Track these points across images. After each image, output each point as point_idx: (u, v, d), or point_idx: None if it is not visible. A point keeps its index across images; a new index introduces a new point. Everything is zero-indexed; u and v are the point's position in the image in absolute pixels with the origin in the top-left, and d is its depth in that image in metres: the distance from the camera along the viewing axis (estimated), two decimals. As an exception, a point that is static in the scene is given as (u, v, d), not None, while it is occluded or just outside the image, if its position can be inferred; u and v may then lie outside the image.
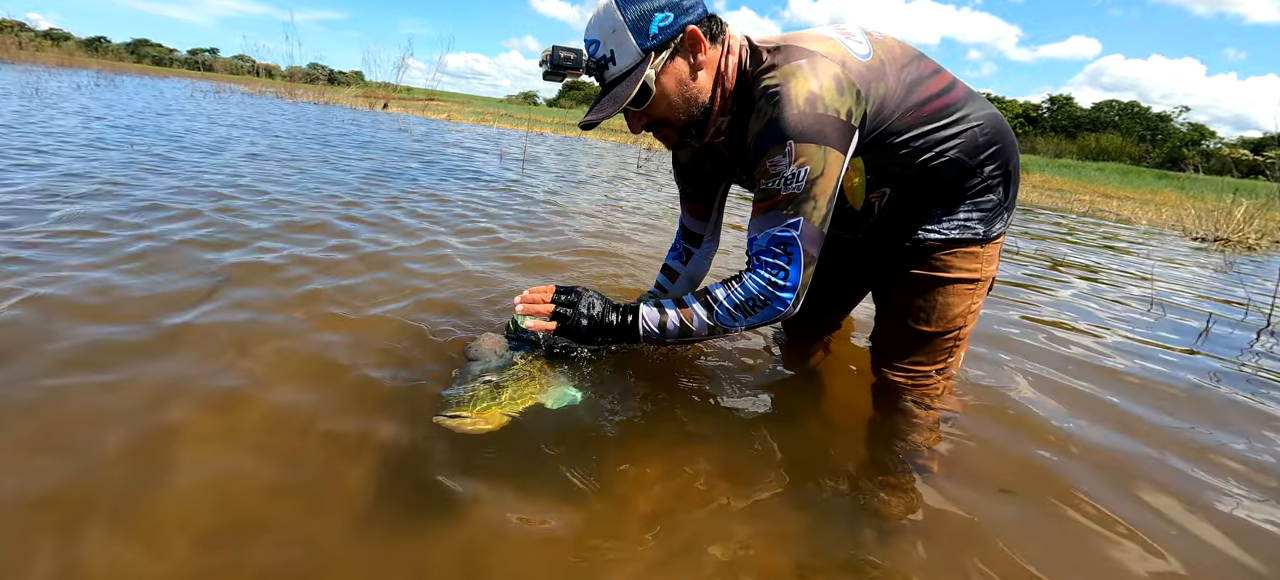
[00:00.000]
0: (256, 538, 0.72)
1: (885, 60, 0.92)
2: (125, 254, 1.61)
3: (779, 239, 0.87)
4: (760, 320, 0.91)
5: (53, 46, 25.87)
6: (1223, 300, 2.67)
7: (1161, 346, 1.85)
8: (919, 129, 0.94)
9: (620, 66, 0.86)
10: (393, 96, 16.84)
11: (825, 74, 0.84)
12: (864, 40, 0.93)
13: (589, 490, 0.85)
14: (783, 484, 0.92)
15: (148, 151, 3.55)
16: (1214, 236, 5.64)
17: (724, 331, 0.94)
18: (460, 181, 3.85)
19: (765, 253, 0.88)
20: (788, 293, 0.88)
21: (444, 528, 0.77)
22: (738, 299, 0.90)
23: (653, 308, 0.95)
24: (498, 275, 1.82)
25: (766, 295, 0.89)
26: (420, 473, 0.86)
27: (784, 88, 0.84)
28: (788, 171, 0.84)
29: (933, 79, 0.96)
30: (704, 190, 1.20)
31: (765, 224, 0.88)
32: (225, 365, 1.09)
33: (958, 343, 1.07)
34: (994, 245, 1.05)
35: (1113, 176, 19.00)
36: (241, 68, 25.23)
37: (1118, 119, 55.18)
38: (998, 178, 1.02)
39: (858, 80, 0.86)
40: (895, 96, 0.91)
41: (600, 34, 0.87)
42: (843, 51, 0.88)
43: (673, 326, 0.94)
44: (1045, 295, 2.40)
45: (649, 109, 0.91)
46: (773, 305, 0.89)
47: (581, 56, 0.88)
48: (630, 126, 0.95)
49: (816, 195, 0.84)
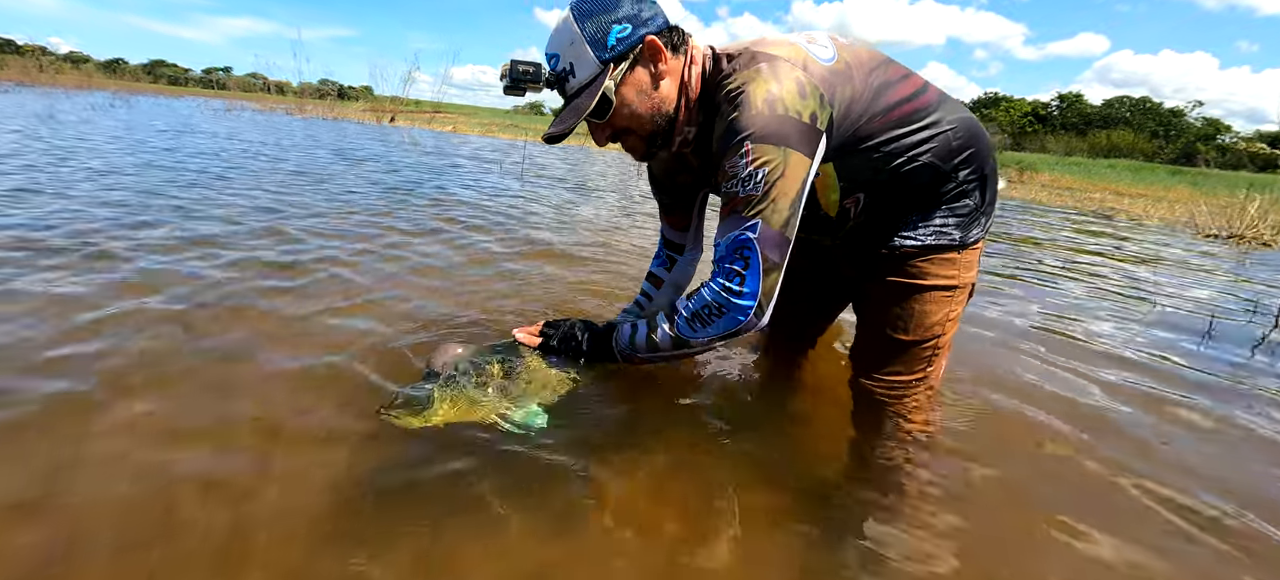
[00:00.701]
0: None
1: (851, 63, 0.91)
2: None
3: (737, 243, 0.85)
4: (720, 332, 0.89)
5: (72, 69, 26.61)
6: (1227, 301, 2.61)
7: (1162, 356, 1.81)
8: (890, 133, 0.93)
9: (580, 79, 0.87)
10: (399, 110, 17.07)
11: (786, 77, 0.84)
12: (828, 44, 0.92)
13: (559, 511, 0.85)
14: (761, 507, 0.90)
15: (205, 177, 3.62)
16: (1227, 233, 5.53)
17: (689, 345, 0.92)
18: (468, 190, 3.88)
19: (724, 259, 0.87)
20: (745, 300, 0.85)
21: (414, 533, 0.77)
22: (694, 307, 0.89)
23: (625, 326, 0.96)
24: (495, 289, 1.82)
25: (721, 303, 0.87)
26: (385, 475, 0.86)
27: (744, 91, 0.83)
28: (744, 172, 0.82)
29: (902, 83, 0.95)
30: (681, 201, 1.20)
31: (727, 229, 0.86)
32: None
33: (937, 352, 1.05)
34: (972, 251, 1.03)
35: (1124, 174, 18.70)
36: (254, 85, 25.76)
37: (1129, 115, 54.36)
38: (973, 182, 1.01)
39: (821, 84, 0.85)
40: (862, 100, 0.91)
41: (559, 48, 0.87)
42: (804, 55, 0.88)
43: (641, 341, 0.95)
44: (1041, 296, 2.36)
45: (612, 119, 0.91)
46: (730, 313, 0.86)
47: (541, 70, 0.88)
48: (595, 138, 0.95)
49: (776, 197, 0.82)
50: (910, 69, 0.99)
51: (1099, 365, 1.59)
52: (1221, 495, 1.00)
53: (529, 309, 1.64)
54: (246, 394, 1.08)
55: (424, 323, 1.46)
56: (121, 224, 2.19)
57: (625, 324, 0.96)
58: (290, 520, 0.78)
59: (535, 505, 0.84)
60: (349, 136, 8.41)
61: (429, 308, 1.59)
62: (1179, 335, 1.96)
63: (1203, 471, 1.08)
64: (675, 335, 0.92)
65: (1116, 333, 1.93)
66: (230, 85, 30.46)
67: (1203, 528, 0.92)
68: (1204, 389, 1.49)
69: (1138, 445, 1.17)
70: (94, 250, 1.82)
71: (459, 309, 1.59)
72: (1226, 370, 1.65)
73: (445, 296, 1.70)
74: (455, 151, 7.68)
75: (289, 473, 0.87)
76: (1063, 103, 58.86)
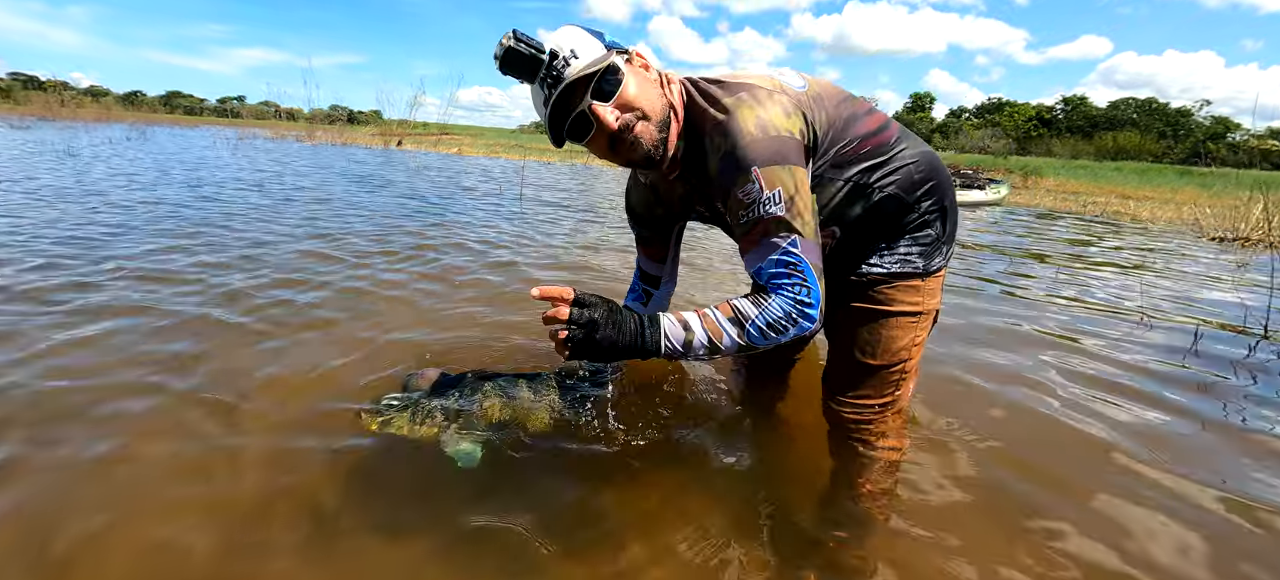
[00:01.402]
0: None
1: (821, 94, 0.97)
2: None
3: (786, 262, 0.87)
4: (789, 338, 0.89)
5: (93, 102, 27.48)
6: (1220, 313, 2.60)
7: (1145, 371, 1.82)
8: (861, 166, 0.98)
9: (585, 60, 0.86)
10: (407, 134, 17.43)
11: (768, 101, 0.89)
12: (796, 77, 0.99)
13: (525, 540, 0.89)
14: (734, 534, 0.94)
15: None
16: (1233, 236, 5.48)
17: (753, 348, 0.90)
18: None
19: (778, 278, 0.88)
20: (814, 310, 0.88)
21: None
22: (769, 318, 0.88)
23: (675, 323, 0.88)
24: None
25: (797, 314, 0.87)
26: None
27: (731, 120, 0.88)
28: (763, 197, 0.86)
29: (868, 118, 1.01)
30: (659, 233, 1.24)
31: (764, 253, 0.88)
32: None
33: (904, 376, 1.09)
34: (935, 279, 1.07)
35: (1131, 176, 18.55)
36: (267, 112, 26.41)
37: (1135, 116, 54.02)
38: (935, 213, 1.06)
39: (800, 105, 0.92)
40: (836, 127, 0.96)
41: (557, 44, 0.87)
42: (778, 83, 0.94)
43: (700, 344, 0.89)
44: (1027, 308, 2.37)
45: (621, 93, 0.89)
46: (802, 323, 0.88)
47: (541, 49, 0.86)
48: (602, 127, 0.89)
49: (800, 211, 0.86)
50: (873, 105, 1.04)
51: (1082, 379, 1.61)
52: (1210, 506, 1.02)
53: (537, 336, 1.70)
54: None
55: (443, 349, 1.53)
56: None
57: (670, 320, 0.89)
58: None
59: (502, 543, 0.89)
60: (359, 161, 8.59)
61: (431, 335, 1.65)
62: (1164, 351, 1.97)
63: (1194, 476, 1.10)
64: (744, 343, 0.89)
65: (1106, 349, 1.94)
66: (243, 113, 31.26)
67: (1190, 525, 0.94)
68: (1190, 398, 1.51)
69: (1109, 453, 1.19)
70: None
71: (437, 332, 1.65)
72: (1215, 382, 1.67)
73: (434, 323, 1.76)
74: (460, 174, 7.80)
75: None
76: (1068, 106, 58.60)
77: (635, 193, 1.21)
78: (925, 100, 71.53)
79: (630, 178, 1.23)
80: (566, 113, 0.89)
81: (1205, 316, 2.39)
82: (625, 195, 1.25)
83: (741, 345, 0.89)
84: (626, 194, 1.25)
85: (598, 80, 0.87)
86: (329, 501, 0.95)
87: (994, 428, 1.31)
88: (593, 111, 0.88)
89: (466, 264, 2.60)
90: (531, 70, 0.86)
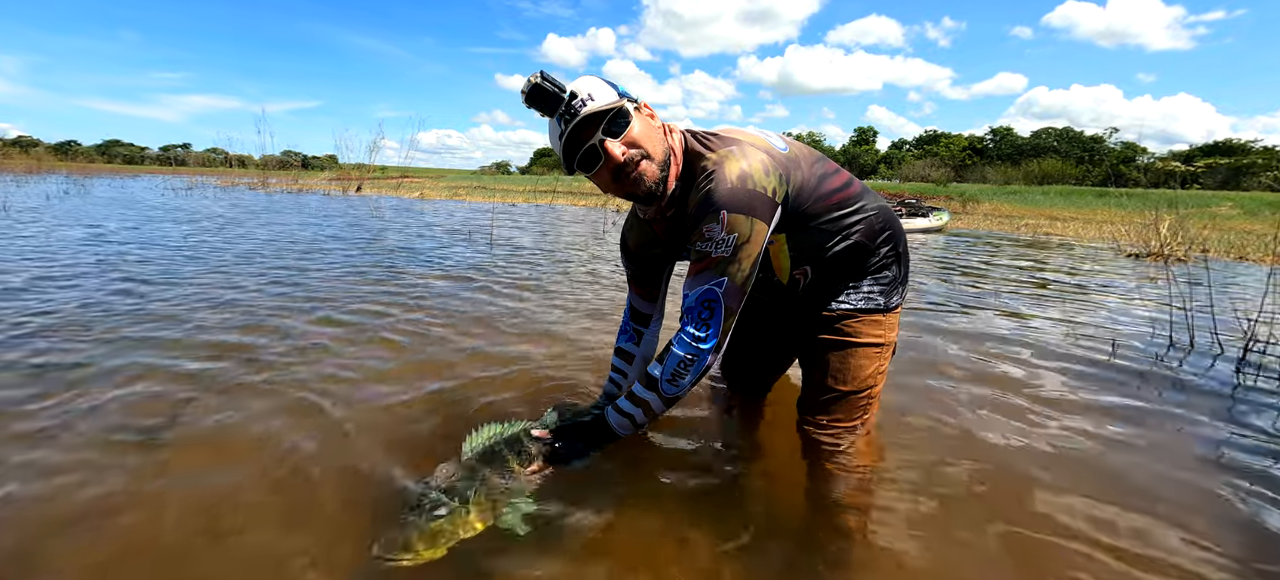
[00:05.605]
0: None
1: (800, 156, 1.14)
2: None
3: (706, 296, 1.03)
4: (695, 376, 1.08)
5: (21, 153, 25.84)
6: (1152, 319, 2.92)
7: (1075, 386, 2.05)
8: (830, 215, 1.15)
9: (599, 102, 1.00)
10: (366, 178, 17.20)
11: (754, 158, 1.04)
12: (781, 140, 1.16)
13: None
14: (712, 555, 1.01)
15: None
16: (1146, 251, 6.12)
17: (677, 397, 1.11)
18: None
19: (692, 310, 1.05)
20: (709, 343, 1.05)
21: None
22: (671, 368, 1.07)
23: (615, 414, 1.14)
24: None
25: (692, 353, 1.05)
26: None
27: (719, 168, 1.03)
28: (719, 236, 1.01)
29: (835, 176, 1.18)
30: (651, 272, 1.35)
31: (697, 283, 1.04)
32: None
33: (870, 401, 1.24)
34: (893, 315, 1.24)
35: (1057, 199, 20.20)
36: (214, 160, 25.52)
37: (1056, 144, 59.20)
38: (892, 257, 1.23)
39: (780, 167, 1.07)
40: (810, 184, 1.13)
41: (577, 87, 1.01)
42: (767, 144, 1.10)
43: (641, 419, 1.13)
44: (974, 328, 2.61)
45: (629, 132, 1.03)
46: (699, 360, 1.06)
47: (563, 89, 0.99)
48: (608, 161, 1.02)
49: (742, 259, 1.01)
50: (840, 165, 1.22)
51: (1011, 404, 1.81)
52: (1143, 511, 1.19)
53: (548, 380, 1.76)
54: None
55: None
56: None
57: (611, 411, 1.15)
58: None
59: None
60: (318, 213, 8.39)
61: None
62: (1085, 363, 2.22)
63: (1122, 484, 1.27)
64: (662, 397, 1.10)
65: (1034, 359, 2.17)
66: (189, 161, 30.08)
67: (1117, 536, 1.10)
68: (1121, 401, 1.72)
69: (1030, 469, 1.36)
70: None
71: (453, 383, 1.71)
72: (1142, 390, 1.90)
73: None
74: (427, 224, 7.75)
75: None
76: (996, 136, 63.66)
77: (634, 231, 1.31)
78: (869, 134, 76.21)
79: (629, 216, 1.34)
80: (579, 145, 1.03)
81: (1120, 329, 2.69)
82: (622, 236, 1.36)
83: (665, 399, 1.10)
84: (623, 234, 1.35)
85: (609, 120, 1.02)
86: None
87: (948, 446, 1.46)
88: (603, 146, 1.02)
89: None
90: (552, 106, 0.99)
